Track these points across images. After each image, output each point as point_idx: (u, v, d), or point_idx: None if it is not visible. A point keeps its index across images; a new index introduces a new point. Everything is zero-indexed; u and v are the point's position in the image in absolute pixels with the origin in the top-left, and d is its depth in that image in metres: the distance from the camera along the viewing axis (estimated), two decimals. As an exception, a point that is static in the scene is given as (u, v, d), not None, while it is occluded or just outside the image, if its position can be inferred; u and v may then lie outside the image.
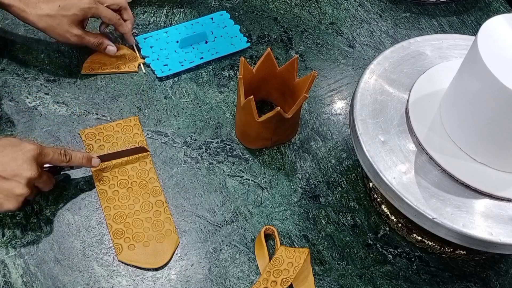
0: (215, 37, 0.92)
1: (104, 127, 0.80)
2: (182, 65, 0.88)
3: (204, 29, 0.93)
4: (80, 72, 0.85)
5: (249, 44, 0.92)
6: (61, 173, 0.73)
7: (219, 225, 0.73)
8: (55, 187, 0.72)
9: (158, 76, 0.86)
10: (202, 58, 0.89)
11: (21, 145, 0.65)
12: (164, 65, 0.88)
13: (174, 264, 0.69)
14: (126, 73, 0.87)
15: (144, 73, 0.87)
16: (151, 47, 0.90)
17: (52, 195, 0.73)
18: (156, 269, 0.68)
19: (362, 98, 0.69)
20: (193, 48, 0.91)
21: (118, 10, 0.85)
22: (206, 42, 0.92)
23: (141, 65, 0.88)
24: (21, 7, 0.77)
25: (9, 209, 0.64)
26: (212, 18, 0.95)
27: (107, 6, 0.82)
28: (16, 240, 0.69)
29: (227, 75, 0.89)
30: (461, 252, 0.71)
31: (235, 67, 0.90)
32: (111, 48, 0.85)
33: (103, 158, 0.74)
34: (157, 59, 0.88)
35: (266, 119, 0.72)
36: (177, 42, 0.91)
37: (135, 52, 0.89)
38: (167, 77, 0.87)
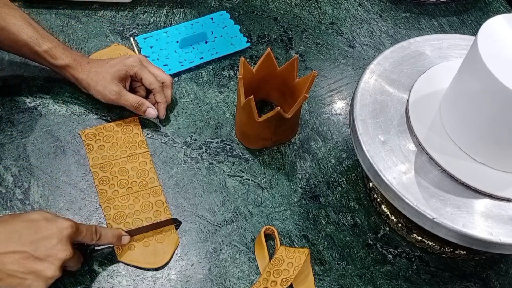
0: (215, 37, 0.92)
1: (104, 127, 0.80)
2: (182, 65, 0.88)
3: (204, 29, 0.93)
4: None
5: (249, 44, 0.92)
6: (88, 250, 0.68)
7: (219, 225, 0.73)
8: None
9: None
10: (202, 58, 0.89)
11: (57, 222, 0.60)
12: (164, 65, 0.88)
13: (174, 264, 0.69)
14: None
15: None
16: (151, 47, 0.90)
17: (52, 195, 0.73)
18: (156, 269, 0.68)
19: (362, 98, 0.69)
20: (193, 48, 0.91)
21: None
22: (206, 42, 0.92)
23: (136, 51, 0.88)
24: (75, 66, 0.77)
25: None
26: (212, 18, 0.95)
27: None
28: (16, 240, 0.69)
29: (227, 75, 0.89)
30: (461, 252, 0.71)
31: (235, 67, 0.90)
32: (151, 111, 0.79)
33: (132, 233, 0.69)
34: (157, 59, 0.88)
35: (266, 119, 0.72)
36: (177, 42, 0.91)
37: (135, 52, 0.89)
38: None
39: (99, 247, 0.68)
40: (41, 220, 0.59)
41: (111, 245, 0.68)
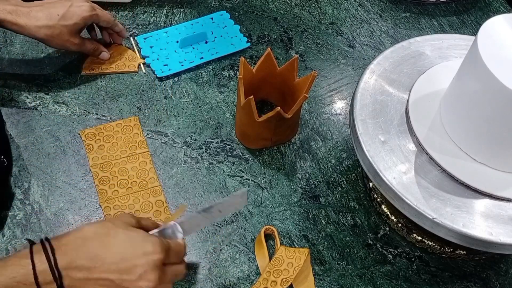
0: (215, 37, 0.92)
1: (104, 127, 0.80)
2: (182, 65, 0.88)
3: (204, 29, 0.93)
4: (80, 73, 0.85)
5: (249, 44, 0.92)
6: None
7: (219, 225, 0.73)
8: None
9: (158, 76, 0.86)
10: (202, 58, 0.89)
11: (145, 246, 0.54)
12: (164, 65, 0.88)
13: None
14: (126, 73, 0.87)
15: (144, 73, 0.87)
16: (151, 47, 0.90)
17: (52, 195, 0.73)
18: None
19: (362, 98, 0.69)
20: (193, 48, 0.91)
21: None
22: (206, 42, 0.92)
23: (141, 65, 0.88)
24: (12, 20, 0.74)
25: None
26: (212, 18, 0.95)
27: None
28: (16, 240, 0.69)
29: (227, 75, 0.89)
30: (461, 252, 0.71)
31: (235, 67, 0.90)
32: (105, 54, 0.86)
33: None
34: (157, 59, 0.88)
35: (266, 119, 0.72)
36: (177, 42, 0.91)
37: (135, 52, 0.89)
38: (167, 77, 0.87)
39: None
40: (126, 239, 0.54)
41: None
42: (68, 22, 0.77)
